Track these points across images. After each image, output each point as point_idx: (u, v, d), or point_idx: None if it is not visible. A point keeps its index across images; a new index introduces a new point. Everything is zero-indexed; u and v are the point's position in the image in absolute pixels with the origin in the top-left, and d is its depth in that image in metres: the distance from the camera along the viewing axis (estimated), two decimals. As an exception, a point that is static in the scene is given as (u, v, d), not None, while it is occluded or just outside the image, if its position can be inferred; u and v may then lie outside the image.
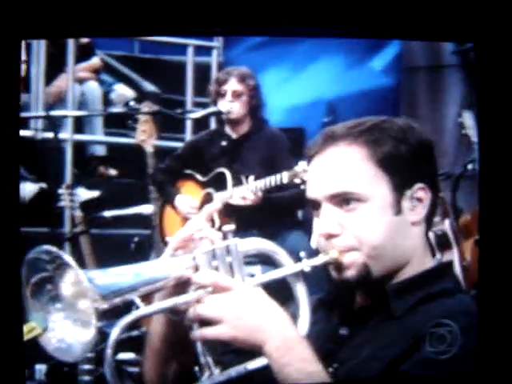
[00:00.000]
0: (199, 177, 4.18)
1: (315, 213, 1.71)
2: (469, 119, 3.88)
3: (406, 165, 1.68)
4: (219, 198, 4.02)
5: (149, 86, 5.00)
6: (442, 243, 3.59)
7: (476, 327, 1.64)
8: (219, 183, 4.07)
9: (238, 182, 3.97)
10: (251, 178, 3.84)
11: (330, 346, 1.68)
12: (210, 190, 4.11)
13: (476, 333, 1.63)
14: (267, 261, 1.71)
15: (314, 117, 4.88)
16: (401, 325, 1.65)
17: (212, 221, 3.78)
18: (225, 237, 1.62)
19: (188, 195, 4.12)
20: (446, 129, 4.70)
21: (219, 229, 2.54)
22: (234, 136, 4.19)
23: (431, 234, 3.68)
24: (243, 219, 3.86)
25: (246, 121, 4.17)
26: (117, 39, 5.50)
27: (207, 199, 4.09)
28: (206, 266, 1.57)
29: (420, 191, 1.70)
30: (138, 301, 1.51)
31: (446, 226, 3.67)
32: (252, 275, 1.64)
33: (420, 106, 5.24)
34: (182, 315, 1.57)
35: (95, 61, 5.29)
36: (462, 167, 3.89)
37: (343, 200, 1.66)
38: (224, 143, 4.18)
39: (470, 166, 3.81)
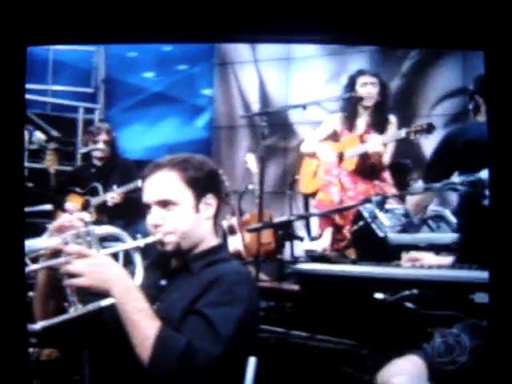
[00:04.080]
0: (79, 190, 4.07)
1: (148, 211, 1.70)
2: (250, 159, 3.93)
3: (202, 183, 1.71)
4: (95, 201, 3.94)
5: (54, 133, 4.81)
6: (231, 230, 3.66)
7: (242, 281, 1.64)
8: (93, 193, 3.97)
9: (106, 191, 3.88)
10: (114, 186, 3.79)
11: (154, 292, 1.66)
12: (88, 197, 4.00)
13: (242, 285, 1.63)
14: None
15: (161, 155, 4.87)
16: (196, 279, 1.66)
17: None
18: (86, 224, 1.61)
19: (72, 202, 4.02)
20: (236, 165, 4.79)
21: (95, 221, 2.40)
22: (99, 165, 4.07)
23: (224, 224, 3.75)
24: (111, 214, 3.80)
25: (108, 156, 4.05)
26: (36, 103, 5.27)
27: (86, 203, 3.98)
28: (72, 242, 1.56)
29: (210, 199, 1.72)
30: (28, 261, 1.51)
31: (234, 220, 3.73)
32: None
33: (223, 150, 5.30)
34: (57, 270, 1.55)
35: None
36: (245, 187, 3.94)
37: (164, 204, 1.67)
38: (94, 170, 4.09)
39: (249, 186, 3.86)
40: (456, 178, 1.93)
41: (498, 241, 1.56)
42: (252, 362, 1.69)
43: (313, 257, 3.30)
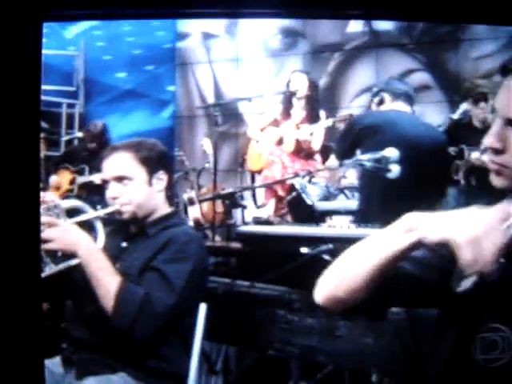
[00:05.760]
0: (71, 168, 3.96)
1: (106, 186, 1.65)
2: (206, 143, 3.85)
3: (153, 161, 1.66)
4: (80, 180, 3.83)
5: (44, 124, 4.64)
6: (191, 202, 3.58)
7: (192, 242, 1.61)
8: (81, 172, 3.87)
9: (91, 173, 3.78)
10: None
11: (115, 253, 1.62)
12: (76, 175, 3.90)
13: (192, 245, 1.59)
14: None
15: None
16: (152, 241, 1.62)
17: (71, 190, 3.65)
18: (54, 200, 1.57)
19: (63, 176, 3.92)
20: (195, 147, 4.72)
21: (77, 195, 2.28)
22: (91, 148, 3.95)
23: (185, 197, 3.67)
24: (90, 190, 3.69)
25: (97, 144, 3.94)
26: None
27: (73, 180, 3.87)
28: (44, 214, 1.52)
29: (161, 175, 1.68)
30: None
31: (193, 193, 3.66)
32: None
33: (183, 136, 5.24)
34: None
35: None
36: (202, 166, 3.86)
37: (120, 179, 1.63)
38: (85, 153, 3.97)
39: (206, 165, 3.79)
40: (363, 156, 1.93)
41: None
42: (203, 307, 1.67)
43: (259, 222, 3.29)
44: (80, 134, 3.88)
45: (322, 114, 3.77)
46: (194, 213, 3.60)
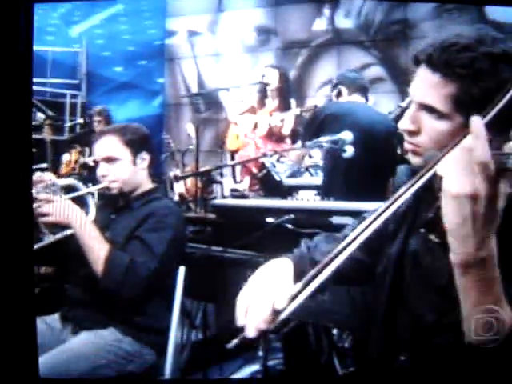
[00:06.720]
0: (79, 148, 3.87)
1: (97, 165, 1.62)
2: (190, 127, 3.79)
3: (137, 143, 1.63)
4: (81, 160, 3.75)
5: (50, 113, 4.52)
6: (176, 178, 3.53)
7: (171, 213, 1.59)
8: (83, 153, 3.79)
9: (91, 154, 3.70)
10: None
11: (105, 223, 1.60)
12: (80, 156, 3.81)
13: (171, 216, 1.57)
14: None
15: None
16: (136, 213, 1.60)
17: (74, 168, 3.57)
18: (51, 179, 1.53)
19: (72, 155, 3.83)
20: (180, 131, 4.63)
21: (77, 174, 2.20)
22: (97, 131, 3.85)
23: (171, 175, 3.62)
24: (92, 170, 3.62)
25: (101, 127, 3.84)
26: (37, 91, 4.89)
27: (77, 160, 3.79)
28: (42, 192, 1.49)
29: (144, 155, 1.65)
30: None
31: (178, 171, 3.63)
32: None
33: (170, 121, 5.15)
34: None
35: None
36: (186, 148, 3.80)
37: (109, 160, 1.59)
38: (92, 136, 3.87)
39: (190, 147, 3.73)
40: (323, 138, 1.92)
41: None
42: (182, 269, 1.67)
43: (236, 195, 3.27)
44: (81, 121, 3.79)
45: (293, 103, 3.74)
46: (179, 188, 3.58)
